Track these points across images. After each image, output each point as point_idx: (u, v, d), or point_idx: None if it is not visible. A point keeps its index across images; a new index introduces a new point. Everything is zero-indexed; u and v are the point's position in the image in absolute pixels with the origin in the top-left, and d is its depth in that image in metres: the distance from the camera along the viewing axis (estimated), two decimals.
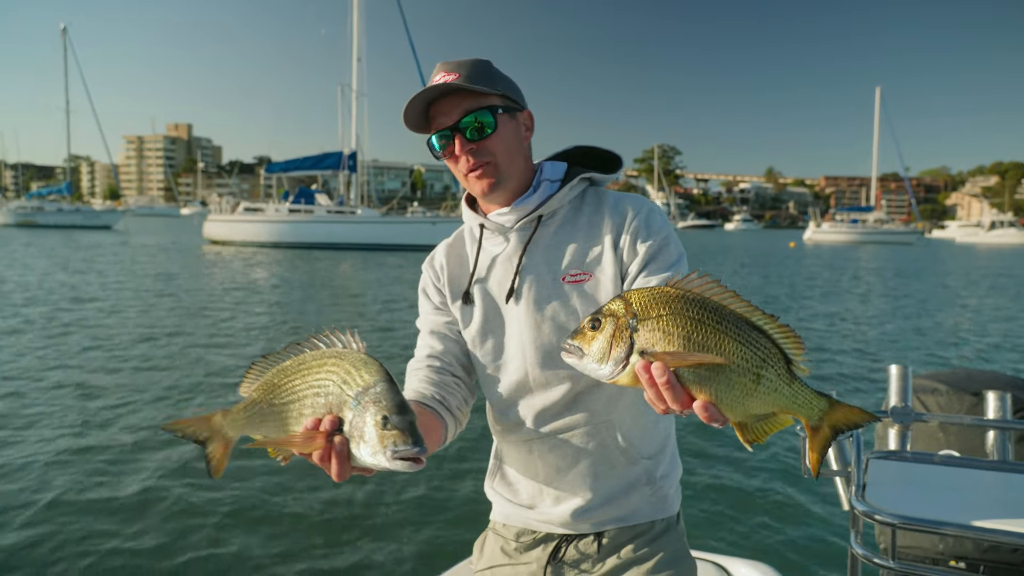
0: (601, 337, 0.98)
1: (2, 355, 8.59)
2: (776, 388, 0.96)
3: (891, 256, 40.36)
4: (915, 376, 2.07)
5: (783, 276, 24.15)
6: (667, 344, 0.94)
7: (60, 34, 59.26)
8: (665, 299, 0.97)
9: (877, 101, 72.23)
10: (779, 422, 0.99)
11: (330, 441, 0.93)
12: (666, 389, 0.93)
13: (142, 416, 6.25)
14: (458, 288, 1.51)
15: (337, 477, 0.95)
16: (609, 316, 0.99)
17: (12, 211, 55.56)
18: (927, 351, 10.64)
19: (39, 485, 4.68)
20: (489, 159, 1.37)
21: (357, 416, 0.91)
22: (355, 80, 37.61)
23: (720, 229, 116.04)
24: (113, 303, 13.34)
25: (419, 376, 1.43)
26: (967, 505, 1.42)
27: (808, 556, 4.04)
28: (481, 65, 1.39)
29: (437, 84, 1.34)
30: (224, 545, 3.98)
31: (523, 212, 1.42)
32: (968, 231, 78.43)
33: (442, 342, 1.51)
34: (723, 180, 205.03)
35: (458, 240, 1.58)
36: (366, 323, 11.80)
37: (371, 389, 0.92)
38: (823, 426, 1.00)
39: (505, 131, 1.38)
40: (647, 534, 1.47)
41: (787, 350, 0.98)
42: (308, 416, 0.96)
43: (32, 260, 23.30)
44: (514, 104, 1.42)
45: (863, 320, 13.76)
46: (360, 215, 34.30)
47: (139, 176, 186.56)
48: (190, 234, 45.27)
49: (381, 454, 0.89)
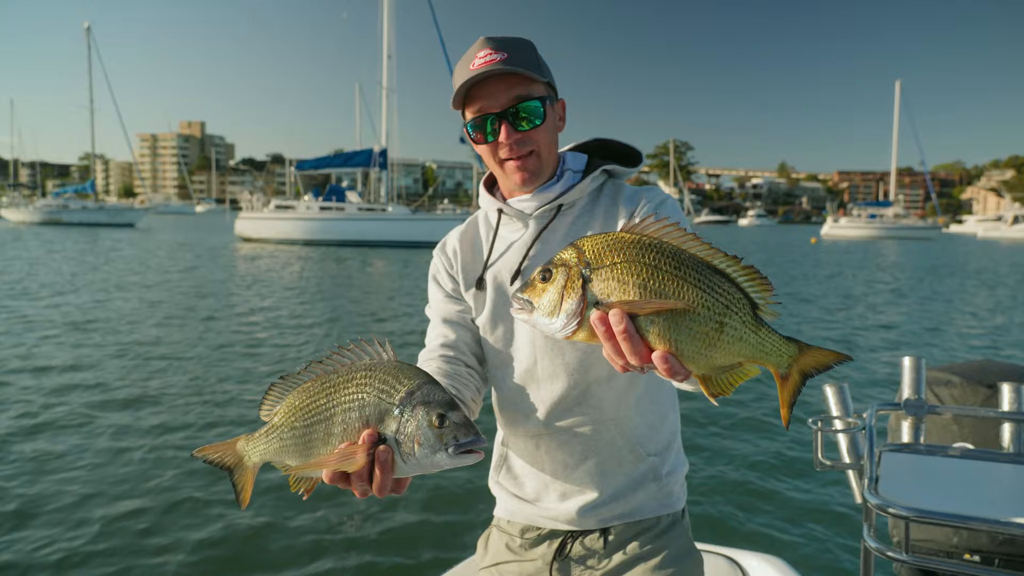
0: (552, 289, 0.91)
1: (68, 356, 8.70)
2: (741, 336, 0.89)
3: (915, 252, 39.46)
4: (929, 368, 2.05)
5: (814, 275, 23.21)
6: (622, 294, 0.88)
7: (84, 33, 59.84)
8: (620, 245, 0.90)
9: (897, 94, 71.34)
10: (745, 372, 0.92)
11: (370, 454, 0.90)
12: (624, 340, 0.87)
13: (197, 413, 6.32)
14: (472, 274, 1.49)
15: (380, 491, 0.91)
16: (560, 266, 0.92)
17: (39, 209, 56.74)
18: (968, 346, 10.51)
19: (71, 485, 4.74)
20: (533, 148, 1.34)
21: (407, 421, 0.89)
22: (385, 77, 37.76)
23: (734, 225, 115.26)
24: (170, 309, 13.29)
25: (431, 367, 1.40)
26: (982, 498, 1.41)
27: (820, 549, 4.01)
28: (528, 47, 1.32)
29: (490, 68, 1.25)
30: (226, 543, 4.00)
31: (544, 200, 1.41)
32: (990, 225, 77.21)
33: (454, 331, 1.49)
34: (735, 175, 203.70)
35: (471, 226, 1.55)
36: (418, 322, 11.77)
37: (417, 392, 0.90)
38: (792, 372, 0.93)
39: (550, 122, 1.35)
40: (653, 530, 1.47)
41: (753, 294, 0.91)
42: (338, 435, 0.92)
43: (59, 259, 23.52)
44: (554, 93, 1.39)
45: (913, 317, 13.62)
46: (391, 212, 34.43)
47: (153, 174, 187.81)
48: (217, 232, 45.53)
49: (443, 451, 0.88)
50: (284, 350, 9.18)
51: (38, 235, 38.29)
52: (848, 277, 22.28)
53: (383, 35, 37.46)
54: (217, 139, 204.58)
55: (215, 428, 5.91)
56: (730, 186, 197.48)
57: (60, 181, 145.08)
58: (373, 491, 0.92)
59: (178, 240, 36.40)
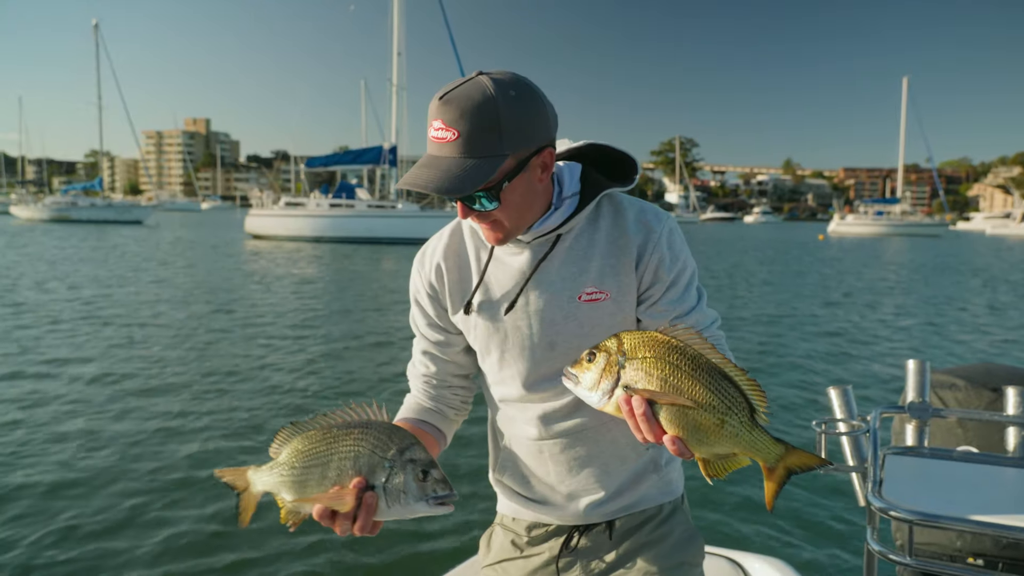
0: (594, 369, 1.12)
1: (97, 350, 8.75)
2: (737, 433, 1.08)
3: (923, 249, 39.12)
4: (933, 371, 2.04)
5: (825, 273, 23.06)
6: (647, 383, 1.08)
7: (92, 30, 59.91)
8: (652, 343, 1.10)
9: (904, 91, 70.63)
10: (739, 461, 1.11)
11: (358, 499, 1.07)
12: (642, 421, 1.07)
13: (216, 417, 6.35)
14: (460, 297, 1.43)
15: (361, 531, 1.08)
16: (603, 352, 1.13)
17: (47, 206, 56.93)
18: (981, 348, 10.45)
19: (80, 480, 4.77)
20: (494, 219, 1.26)
21: (395, 473, 1.08)
22: (395, 74, 37.72)
23: (740, 222, 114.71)
24: (192, 308, 13.33)
25: (416, 385, 1.54)
26: (986, 501, 1.40)
27: (823, 552, 4.01)
28: (485, 117, 1.14)
29: (433, 168, 1.17)
30: (229, 543, 4.02)
31: (542, 232, 1.33)
32: (997, 223, 76.65)
33: (434, 363, 1.50)
34: (740, 172, 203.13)
35: (455, 237, 1.45)
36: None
37: (407, 451, 1.09)
38: (779, 468, 1.13)
39: (513, 196, 1.23)
40: (656, 518, 1.49)
41: (752, 400, 1.09)
42: (332, 479, 1.09)
43: (69, 259, 23.61)
44: (528, 154, 1.21)
45: (923, 319, 13.58)
46: (401, 209, 34.47)
47: (158, 171, 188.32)
48: (226, 229, 45.64)
49: (423, 501, 1.07)
50: (296, 352, 9.21)
51: (50, 232, 38.35)
52: (857, 275, 22.19)
53: (393, 32, 37.48)
54: (222, 136, 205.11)
55: (236, 429, 5.94)
56: (735, 183, 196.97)
57: (66, 178, 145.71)
58: (354, 530, 1.08)
59: (188, 237, 36.49)
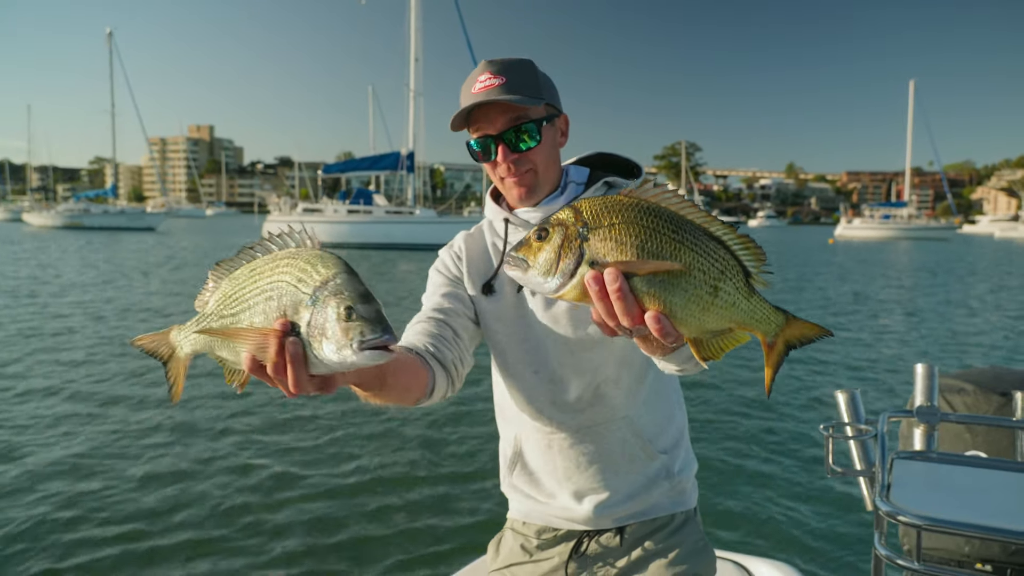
0: (548, 248, 0.90)
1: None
2: (734, 302, 0.91)
3: (932, 253, 38.84)
4: (942, 375, 2.03)
5: (837, 275, 23.08)
6: (619, 254, 0.88)
7: (106, 39, 60.04)
8: (618, 208, 0.90)
9: (911, 94, 70.49)
10: (735, 338, 0.94)
11: (281, 346, 0.84)
12: (617, 299, 0.86)
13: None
14: (478, 277, 1.52)
15: (292, 387, 0.85)
16: (557, 225, 0.91)
17: (60, 213, 57.09)
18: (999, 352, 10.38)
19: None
20: (530, 167, 1.40)
21: (317, 312, 0.84)
22: (412, 80, 37.71)
23: (744, 226, 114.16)
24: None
25: (416, 329, 1.39)
26: (994, 507, 1.40)
27: (831, 557, 3.99)
28: (526, 69, 1.38)
29: (488, 96, 1.33)
30: (232, 542, 4.01)
31: (549, 212, 1.45)
32: (1007, 225, 76.35)
33: (450, 301, 1.48)
34: (743, 176, 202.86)
35: (478, 232, 1.59)
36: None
37: (330, 282, 0.85)
38: (778, 342, 0.95)
39: (546, 142, 1.40)
40: (667, 527, 1.50)
41: (746, 262, 0.93)
42: (260, 325, 0.87)
43: (89, 264, 23.68)
44: (555, 111, 1.43)
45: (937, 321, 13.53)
46: (418, 215, 34.51)
47: (163, 177, 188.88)
48: (239, 235, 45.59)
49: (347, 347, 0.82)
50: None
51: (65, 239, 38.36)
52: (873, 280, 22.03)
53: (411, 38, 37.51)
54: (226, 142, 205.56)
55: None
56: (738, 187, 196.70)
57: (70, 185, 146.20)
58: (289, 388, 0.86)
59: (204, 244, 36.53)
